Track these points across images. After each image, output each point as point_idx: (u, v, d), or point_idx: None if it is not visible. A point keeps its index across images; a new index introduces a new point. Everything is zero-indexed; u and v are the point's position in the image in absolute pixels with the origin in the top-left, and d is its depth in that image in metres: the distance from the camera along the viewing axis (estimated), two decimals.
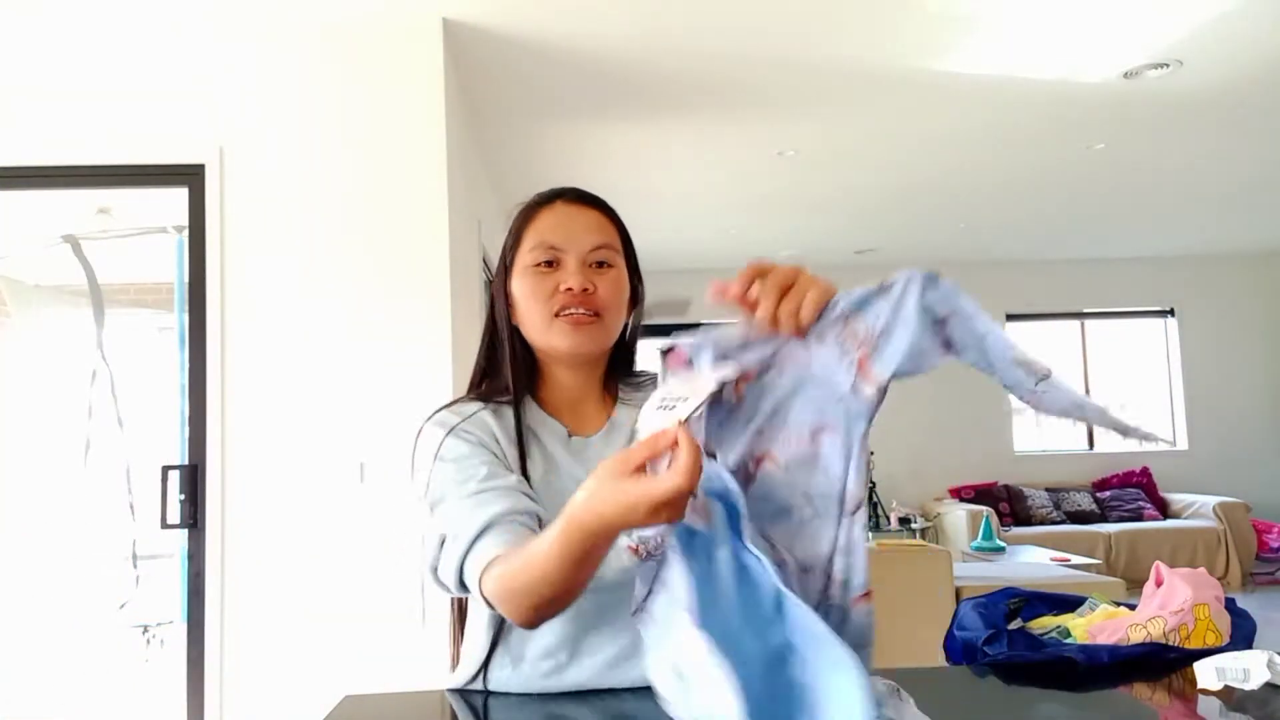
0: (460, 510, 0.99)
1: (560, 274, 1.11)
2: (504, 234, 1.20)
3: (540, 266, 1.11)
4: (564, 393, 1.17)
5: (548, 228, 1.13)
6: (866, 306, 0.74)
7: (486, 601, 0.94)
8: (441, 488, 1.04)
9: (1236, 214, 6.21)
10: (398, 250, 2.89)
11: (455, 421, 1.09)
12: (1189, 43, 3.33)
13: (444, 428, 1.08)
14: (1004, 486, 7.10)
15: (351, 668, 2.75)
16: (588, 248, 1.12)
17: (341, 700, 1.01)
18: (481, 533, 0.96)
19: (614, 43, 3.23)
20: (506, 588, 0.89)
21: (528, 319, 1.12)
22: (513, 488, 1.02)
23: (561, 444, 1.14)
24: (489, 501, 0.99)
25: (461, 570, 0.97)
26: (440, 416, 1.11)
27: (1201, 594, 1.07)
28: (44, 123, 2.89)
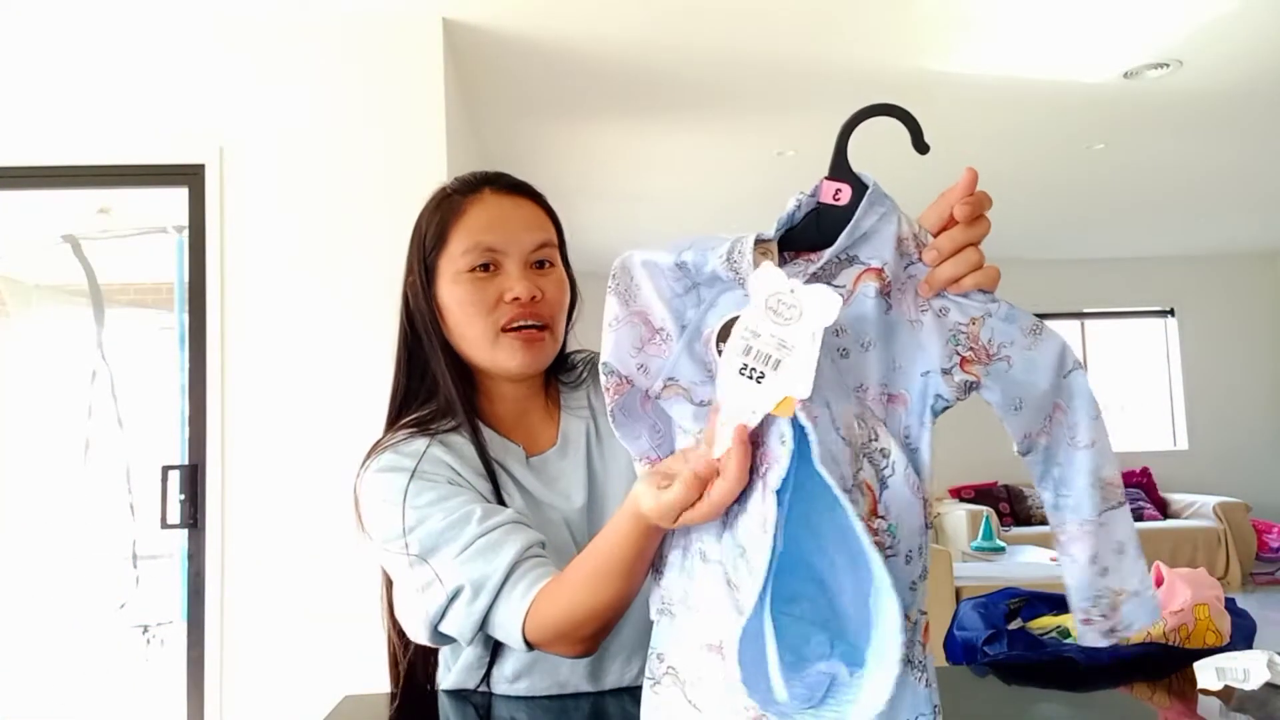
0: (468, 559, 0.87)
1: (501, 280, 0.97)
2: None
3: (476, 271, 0.97)
4: (508, 406, 1.04)
5: (481, 226, 0.98)
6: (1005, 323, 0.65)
7: (528, 644, 0.86)
8: (431, 538, 0.90)
9: (1236, 214, 6.21)
10: (398, 250, 2.88)
11: (411, 464, 0.94)
12: (1189, 43, 3.34)
13: (402, 472, 0.94)
14: (1004, 486, 7.10)
15: (351, 668, 2.75)
16: (529, 247, 0.99)
17: (341, 700, 1.01)
18: (507, 578, 0.86)
19: (614, 43, 3.23)
20: (567, 620, 0.81)
21: (466, 334, 0.98)
22: (516, 522, 0.91)
23: (522, 465, 1.02)
24: (500, 543, 0.87)
25: (485, 622, 0.88)
26: (387, 460, 0.96)
27: (1201, 594, 1.07)
28: (44, 123, 2.89)
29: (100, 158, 2.89)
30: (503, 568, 0.86)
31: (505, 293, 0.96)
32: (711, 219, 5.91)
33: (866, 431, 0.60)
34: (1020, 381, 0.65)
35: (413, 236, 1.05)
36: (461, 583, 0.87)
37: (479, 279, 0.97)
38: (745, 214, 5.81)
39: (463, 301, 0.97)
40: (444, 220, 1.00)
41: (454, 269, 0.98)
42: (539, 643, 0.85)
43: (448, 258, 0.99)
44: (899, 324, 0.64)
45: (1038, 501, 6.89)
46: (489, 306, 0.97)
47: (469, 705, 1.04)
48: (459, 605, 0.88)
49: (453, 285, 0.98)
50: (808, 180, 0.70)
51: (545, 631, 0.84)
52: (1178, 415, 7.56)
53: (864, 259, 0.64)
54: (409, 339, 1.05)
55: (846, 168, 0.68)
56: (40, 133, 2.88)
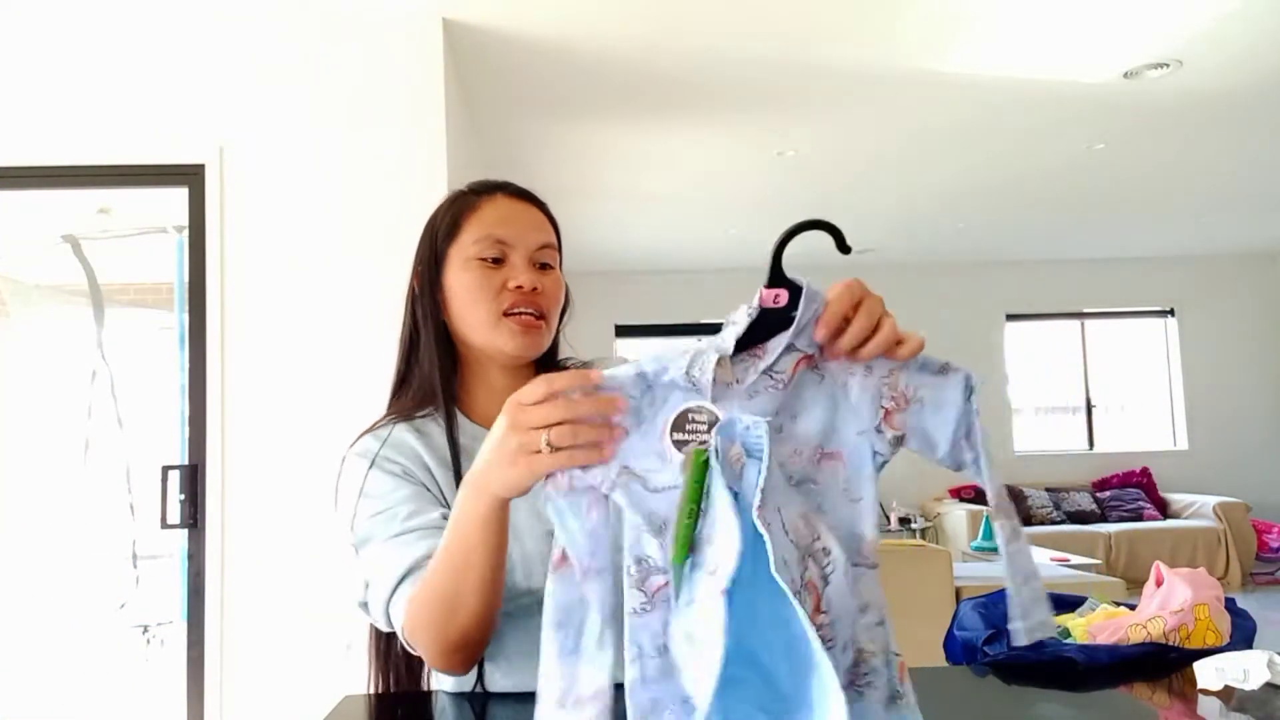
0: (382, 554, 0.94)
1: (507, 271, 1.05)
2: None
3: (486, 261, 1.05)
4: (494, 396, 1.08)
5: (494, 221, 1.06)
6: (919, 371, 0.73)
7: (409, 645, 0.91)
8: (366, 528, 0.98)
9: (1236, 214, 6.21)
10: (398, 250, 2.88)
11: (376, 449, 1.02)
12: (1189, 43, 3.34)
13: (366, 459, 1.02)
14: (1004, 486, 7.09)
15: (351, 668, 2.75)
16: (534, 246, 1.07)
17: (341, 700, 1.01)
18: (403, 578, 0.92)
19: (614, 43, 3.23)
20: (422, 616, 0.86)
21: (469, 315, 1.05)
22: (436, 526, 0.94)
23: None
24: (411, 543, 0.93)
25: (387, 616, 0.94)
26: (362, 444, 1.05)
27: (1201, 594, 1.07)
28: (44, 123, 2.89)
29: (100, 158, 2.89)
30: (404, 566, 0.92)
31: (510, 281, 1.04)
32: (711, 219, 5.91)
33: (811, 531, 0.65)
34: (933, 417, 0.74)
35: (425, 231, 1.12)
36: (370, 576, 0.95)
37: (487, 268, 1.05)
38: (745, 214, 5.81)
39: (470, 286, 1.05)
40: (459, 213, 1.08)
41: (464, 256, 1.06)
42: (412, 639, 0.90)
43: (459, 246, 1.06)
44: (833, 392, 0.73)
45: (1038, 501, 6.89)
46: (494, 292, 1.04)
47: (464, 706, 1.04)
48: (370, 595, 0.95)
49: (462, 271, 1.05)
50: (808, 180, 0.72)
51: (414, 628, 0.88)
52: (1178, 415, 7.56)
53: (800, 347, 0.72)
54: (411, 328, 1.12)
55: (782, 276, 0.77)
56: (40, 133, 2.88)
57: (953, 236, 6.59)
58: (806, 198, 5.43)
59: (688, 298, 7.40)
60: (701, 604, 0.61)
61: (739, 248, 6.69)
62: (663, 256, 6.87)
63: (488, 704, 1.04)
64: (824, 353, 0.73)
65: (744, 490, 0.63)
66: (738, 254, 6.89)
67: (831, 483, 0.71)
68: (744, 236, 6.39)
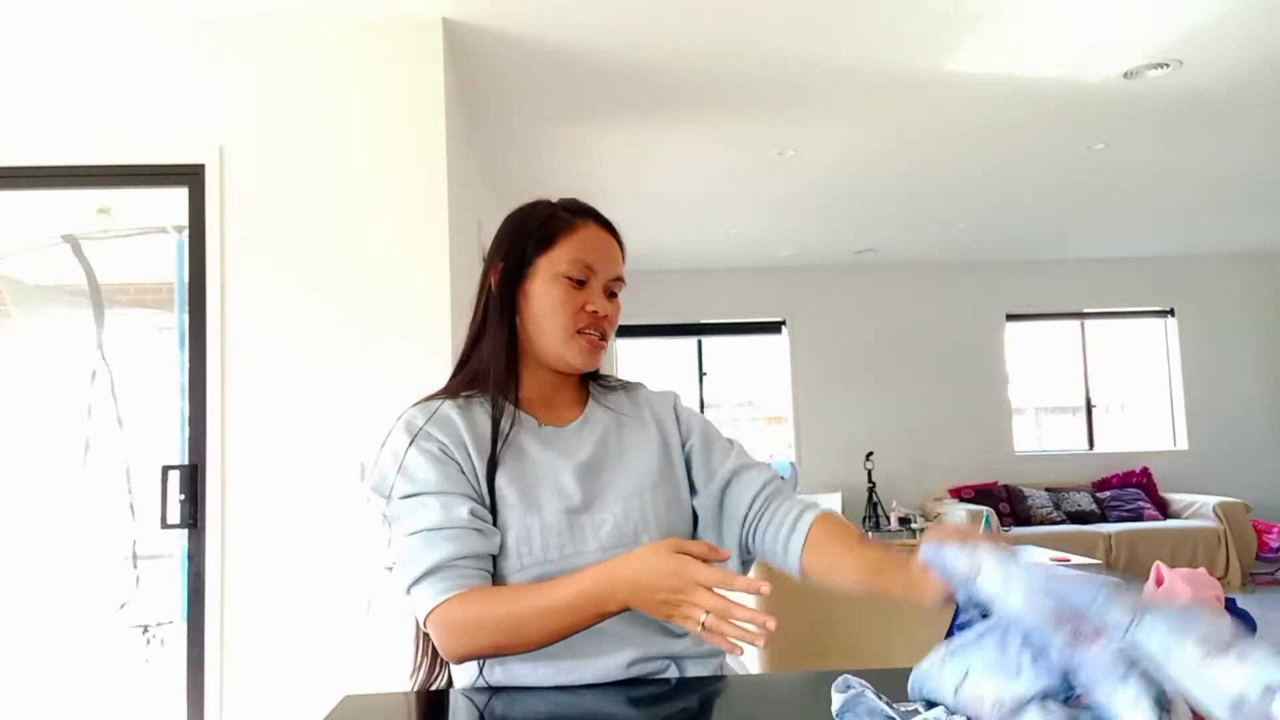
0: (410, 546, 1.05)
1: (587, 294, 1.16)
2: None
3: (572, 281, 1.15)
4: (540, 389, 1.21)
5: (587, 247, 1.17)
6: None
7: (424, 627, 1.05)
8: (397, 507, 1.08)
9: (1236, 214, 6.21)
10: (397, 250, 2.90)
11: (420, 424, 1.12)
12: (1189, 43, 3.34)
13: (409, 433, 1.12)
14: (1004, 486, 7.10)
15: (351, 668, 2.75)
16: (611, 276, 1.19)
17: (341, 700, 1.01)
18: (425, 575, 1.04)
19: (614, 43, 3.23)
20: (484, 635, 1.00)
21: (546, 324, 1.16)
22: (464, 528, 1.05)
23: (531, 433, 1.17)
24: (437, 543, 1.04)
25: (406, 596, 1.06)
26: (410, 416, 1.15)
27: (1201, 594, 1.06)
28: (44, 123, 2.89)
29: (100, 158, 2.89)
30: (427, 565, 1.03)
31: (588, 304, 1.16)
32: (711, 219, 5.91)
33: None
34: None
35: (510, 233, 1.21)
36: (396, 559, 1.07)
37: (572, 287, 1.16)
38: (745, 214, 5.81)
39: (556, 300, 1.15)
40: (554, 230, 1.18)
41: (554, 271, 1.16)
42: (443, 627, 1.02)
43: (550, 260, 1.16)
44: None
45: (1038, 502, 6.89)
46: (574, 310, 1.16)
47: (477, 703, 1.04)
48: (394, 576, 1.08)
49: (550, 284, 1.16)
50: (808, 180, 0.71)
51: (459, 621, 1.01)
52: (1178, 415, 7.56)
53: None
54: (482, 318, 1.20)
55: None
56: (40, 133, 2.88)
57: (953, 236, 6.59)
58: (806, 198, 5.43)
59: (688, 298, 7.40)
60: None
61: (739, 248, 6.68)
62: (663, 256, 6.87)
63: (497, 699, 1.04)
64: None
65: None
66: (738, 254, 6.89)
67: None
68: (744, 236, 6.39)
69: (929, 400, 7.42)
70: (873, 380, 7.43)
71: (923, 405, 7.41)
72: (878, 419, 7.36)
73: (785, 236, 6.49)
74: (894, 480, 7.24)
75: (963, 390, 7.48)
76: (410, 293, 2.88)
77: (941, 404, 7.43)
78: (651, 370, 7.64)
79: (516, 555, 1.07)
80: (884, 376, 7.43)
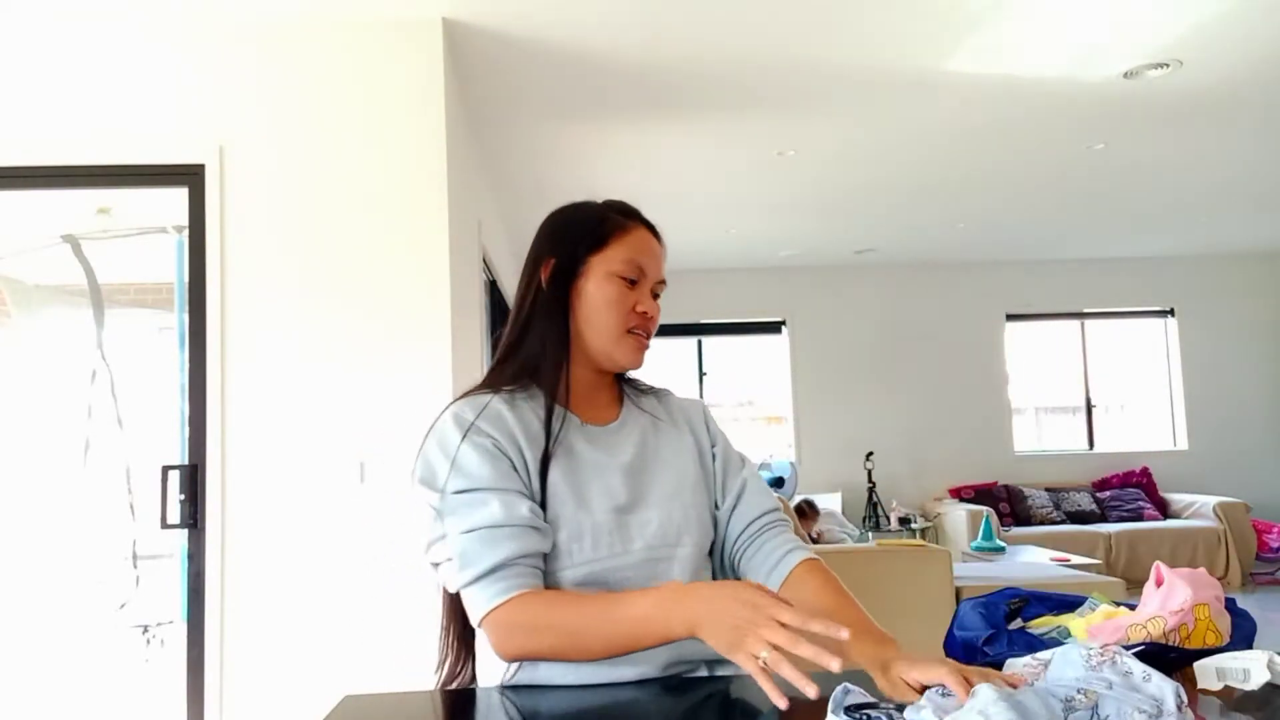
0: (470, 544, 1.05)
1: (637, 294, 1.19)
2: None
3: (625, 281, 1.18)
4: (582, 387, 1.22)
5: (640, 249, 1.20)
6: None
7: (478, 625, 1.04)
8: (452, 503, 1.07)
9: (1236, 214, 6.21)
10: (398, 250, 2.90)
11: (471, 419, 1.11)
12: (1189, 43, 3.34)
13: (460, 428, 1.11)
14: (1004, 486, 7.10)
15: (351, 668, 2.75)
16: (656, 279, 1.22)
17: (341, 700, 1.01)
18: (487, 573, 1.03)
19: (614, 43, 3.23)
20: (543, 638, 1.00)
21: (598, 321, 1.18)
22: (525, 526, 1.05)
23: (577, 430, 1.18)
24: (500, 541, 1.04)
25: (461, 592, 1.06)
26: (458, 411, 1.13)
27: (1201, 594, 1.07)
28: (44, 123, 2.89)
29: (100, 158, 2.89)
30: (490, 563, 1.03)
31: (639, 305, 1.19)
32: (711, 219, 5.91)
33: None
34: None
35: (560, 230, 1.22)
36: (454, 554, 1.06)
37: (625, 288, 1.18)
38: (745, 214, 5.81)
39: (609, 298, 1.17)
40: (608, 231, 1.20)
41: (608, 270, 1.18)
42: (501, 626, 1.02)
43: (603, 259, 1.18)
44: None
45: (1038, 502, 6.89)
46: (626, 310, 1.18)
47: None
48: (450, 568, 1.07)
49: (604, 282, 1.18)
50: (808, 180, 0.71)
51: (520, 621, 1.01)
52: (1178, 415, 7.56)
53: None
54: (529, 314, 1.20)
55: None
56: (40, 133, 2.89)
57: (953, 236, 6.59)
58: (806, 198, 5.43)
59: (688, 298, 7.40)
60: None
61: (739, 248, 6.69)
62: None
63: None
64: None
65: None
66: (738, 254, 6.89)
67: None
68: (744, 236, 6.39)
69: (929, 400, 7.42)
70: (872, 380, 7.43)
71: (923, 405, 7.41)
72: (877, 419, 7.36)
73: (785, 236, 6.49)
74: (894, 480, 7.24)
75: (963, 390, 7.48)
76: (410, 292, 2.88)
77: (941, 404, 7.43)
78: (651, 370, 7.63)
79: (567, 553, 1.08)
80: (884, 376, 7.43)
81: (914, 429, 7.36)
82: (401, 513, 2.77)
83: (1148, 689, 0.78)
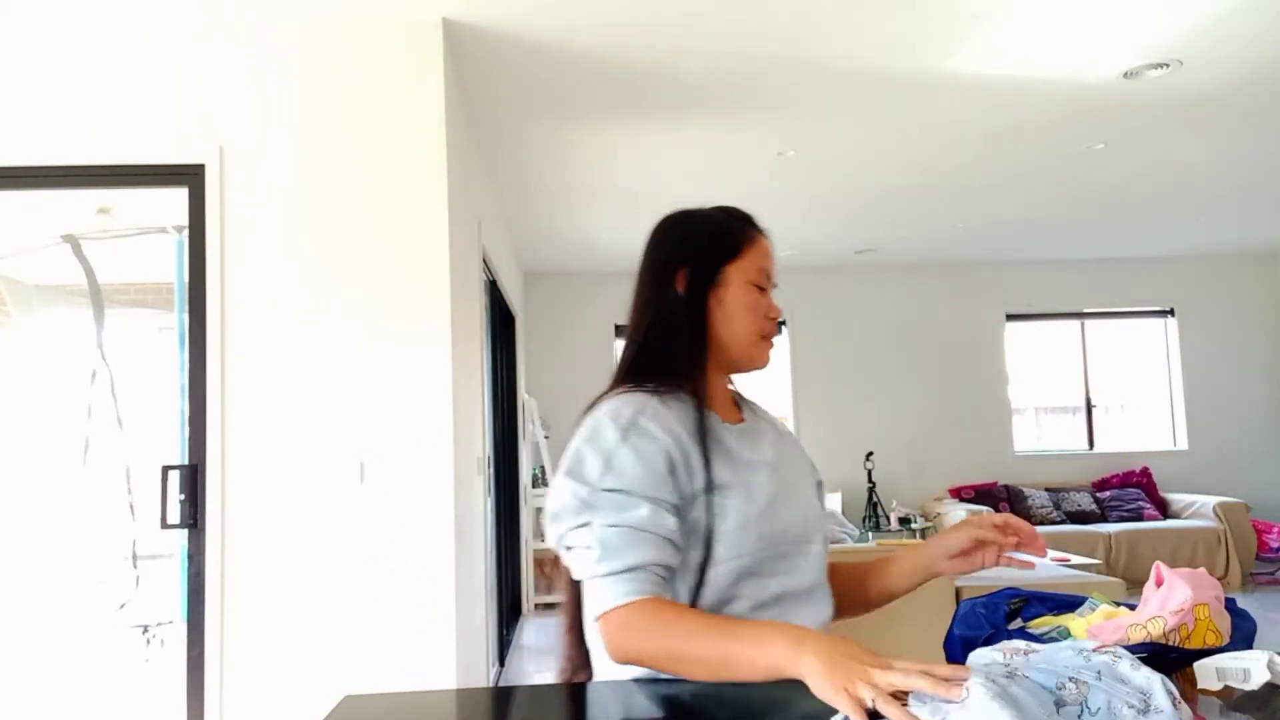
0: (614, 538, 1.06)
1: (766, 301, 1.26)
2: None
3: (758, 288, 1.24)
4: (715, 390, 1.27)
5: (767, 256, 1.27)
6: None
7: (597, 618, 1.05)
8: (601, 499, 1.08)
9: (1236, 214, 6.21)
10: (398, 250, 2.90)
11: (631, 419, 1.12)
12: (1189, 43, 3.34)
13: (618, 427, 1.11)
14: (1004, 486, 7.10)
15: (351, 668, 2.75)
16: (773, 286, 1.29)
17: (341, 700, 1.01)
18: (624, 570, 1.05)
19: (614, 43, 3.23)
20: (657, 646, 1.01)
21: (737, 326, 1.23)
22: (666, 538, 1.08)
23: (723, 428, 1.22)
24: (644, 544, 1.06)
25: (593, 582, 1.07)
26: (618, 410, 1.14)
27: (1201, 594, 1.07)
28: (44, 123, 2.89)
29: (100, 158, 2.89)
30: (628, 562, 1.05)
31: (769, 310, 1.26)
32: None
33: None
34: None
35: (693, 239, 1.27)
36: (595, 544, 1.06)
37: (759, 295, 1.25)
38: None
39: (748, 305, 1.24)
40: (741, 241, 1.26)
41: (745, 278, 1.24)
42: (623, 625, 1.03)
43: (739, 268, 1.24)
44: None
45: (1038, 502, 6.89)
46: (762, 315, 1.25)
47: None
48: (588, 556, 1.06)
49: (743, 290, 1.24)
50: (808, 180, 0.71)
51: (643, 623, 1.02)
52: (1178, 415, 7.56)
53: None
54: (670, 318, 1.23)
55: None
56: (40, 133, 2.89)
57: (953, 236, 6.59)
58: (806, 198, 5.43)
59: None
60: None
61: None
62: None
63: (490, 700, 1.03)
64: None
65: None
66: None
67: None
68: None
69: (929, 400, 7.42)
70: (872, 380, 7.43)
71: (923, 405, 7.41)
72: (877, 419, 7.37)
73: (785, 236, 6.49)
74: (894, 480, 7.24)
75: (963, 390, 7.48)
76: (410, 292, 2.88)
77: (941, 404, 7.43)
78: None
79: (735, 543, 1.11)
80: (884, 376, 7.44)
81: (914, 429, 7.36)
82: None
83: (1135, 680, 0.78)
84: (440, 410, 2.86)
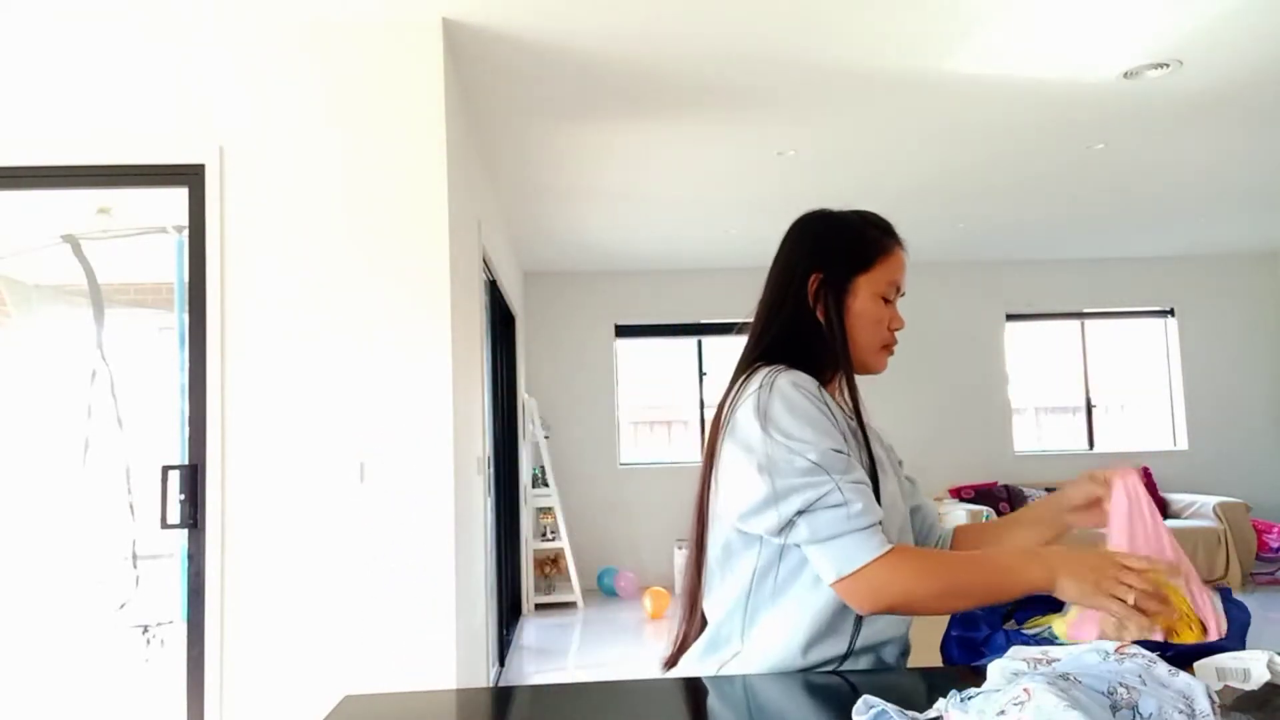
0: (865, 494, 1.11)
1: (891, 313, 1.30)
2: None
3: (886, 300, 1.28)
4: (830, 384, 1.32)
5: (899, 269, 1.30)
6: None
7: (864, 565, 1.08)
8: (829, 459, 1.11)
9: (1236, 214, 6.21)
10: (398, 250, 2.90)
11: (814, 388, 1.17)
12: (1189, 43, 3.34)
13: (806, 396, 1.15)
14: (1004, 486, 7.10)
15: (351, 668, 2.75)
16: (900, 295, 1.32)
17: (341, 700, 1.01)
18: (878, 523, 1.10)
19: (614, 43, 3.23)
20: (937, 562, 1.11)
21: (860, 337, 1.28)
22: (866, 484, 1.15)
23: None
24: (873, 499, 1.13)
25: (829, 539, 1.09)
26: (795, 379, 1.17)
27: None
28: (44, 123, 2.89)
29: (100, 158, 2.89)
30: (877, 515, 1.11)
31: (892, 321, 1.30)
32: (711, 219, 5.91)
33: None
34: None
35: (827, 246, 1.30)
36: (853, 500, 1.10)
37: (885, 306, 1.29)
38: (745, 214, 5.81)
39: (875, 316, 1.28)
40: (874, 252, 1.29)
41: (874, 290, 1.27)
42: (866, 581, 1.07)
43: (870, 279, 1.27)
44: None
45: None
46: (884, 326, 1.29)
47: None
48: (838, 513, 1.09)
49: (872, 301, 1.27)
50: (808, 180, 0.72)
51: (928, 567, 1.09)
52: (1178, 415, 7.56)
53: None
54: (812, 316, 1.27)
55: None
56: (40, 133, 2.89)
57: (953, 236, 6.59)
58: (806, 198, 5.42)
59: (688, 298, 7.40)
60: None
61: (739, 248, 6.68)
62: (662, 257, 6.87)
63: (492, 698, 1.04)
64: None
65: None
66: (738, 254, 6.89)
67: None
68: (744, 236, 6.39)
69: (929, 400, 7.42)
70: (873, 380, 7.41)
71: (923, 405, 7.41)
72: (877, 419, 7.31)
73: None
74: None
75: (963, 390, 7.48)
76: (410, 292, 2.88)
77: (941, 404, 7.43)
78: (652, 370, 7.64)
79: (888, 520, 1.17)
80: (884, 376, 7.36)
81: (914, 429, 7.36)
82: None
83: (1176, 684, 0.79)
84: (440, 410, 2.86)
